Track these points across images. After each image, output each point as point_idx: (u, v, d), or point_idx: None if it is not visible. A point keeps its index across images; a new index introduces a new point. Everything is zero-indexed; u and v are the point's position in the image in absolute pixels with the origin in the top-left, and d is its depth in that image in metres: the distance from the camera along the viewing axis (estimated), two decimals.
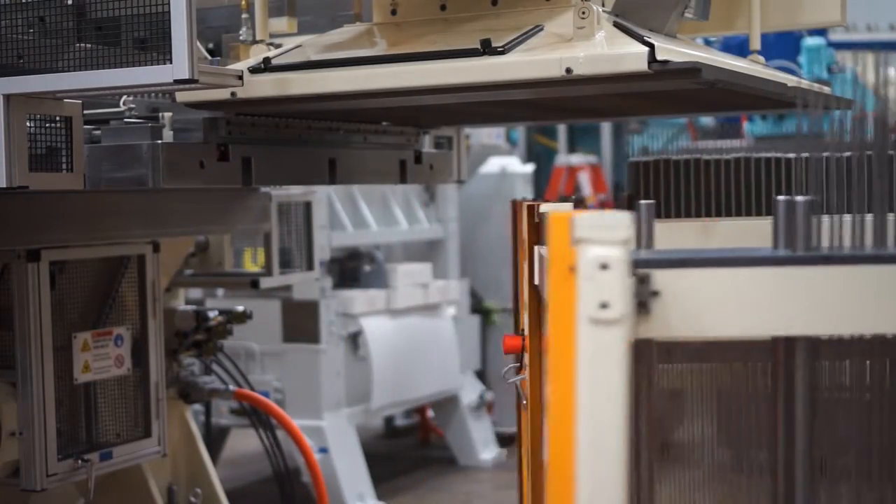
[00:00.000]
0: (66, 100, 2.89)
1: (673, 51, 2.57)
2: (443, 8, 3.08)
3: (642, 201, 1.80)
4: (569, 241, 1.57)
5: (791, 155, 1.86)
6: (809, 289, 1.69)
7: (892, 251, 1.74)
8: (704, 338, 1.81)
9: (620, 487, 1.59)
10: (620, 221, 1.56)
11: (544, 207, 2.62)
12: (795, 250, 1.75)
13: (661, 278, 1.69)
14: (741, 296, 1.70)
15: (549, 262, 1.60)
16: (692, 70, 2.53)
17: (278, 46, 3.36)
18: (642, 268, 1.67)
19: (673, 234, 2.82)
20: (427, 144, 4.34)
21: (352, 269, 7.13)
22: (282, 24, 3.60)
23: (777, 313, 1.70)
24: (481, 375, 8.16)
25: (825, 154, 1.83)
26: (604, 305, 1.56)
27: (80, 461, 3.60)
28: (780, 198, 1.77)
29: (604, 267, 1.55)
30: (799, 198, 1.74)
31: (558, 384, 1.59)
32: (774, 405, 1.88)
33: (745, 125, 10.73)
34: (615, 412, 1.58)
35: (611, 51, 2.59)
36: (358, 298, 6.83)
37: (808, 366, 1.81)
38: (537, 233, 2.61)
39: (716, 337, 1.81)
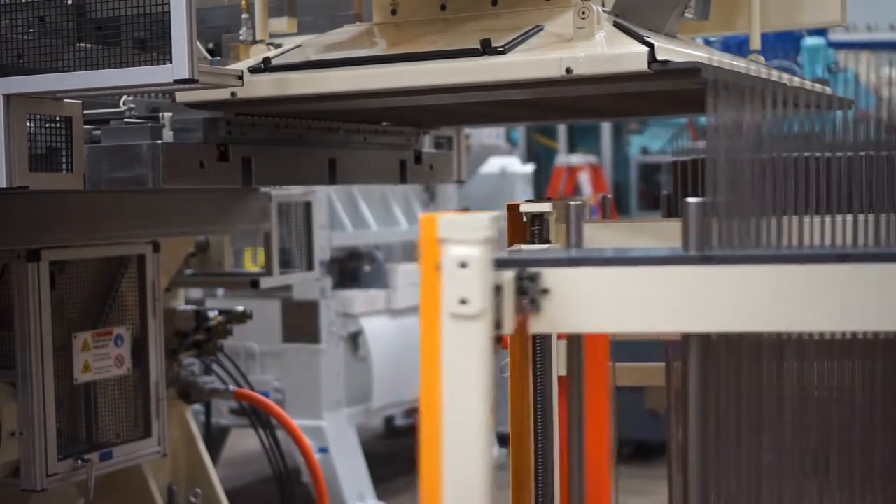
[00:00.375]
0: (66, 100, 2.89)
1: (673, 51, 2.57)
2: (443, 8, 3.07)
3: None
4: (435, 241, 1.68)
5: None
6: (690, 287, 1.77)
7: (769, 252, 1.79)
8: (591, 334, 1.85)
9: (482, 471, 1.70)
10: (480, 223, 1.68)
11: (524, 207, 2.63)
12: (687, 250, 1.81)
13: (551, 276, 1.78)
14: (624, 294, 1.78)
15: (421, 261, 1.70)
16: (692, 70, 2.53)
17: (278, 46, 3.36)
18: (533, 266, 1.77)
19: None
20: (427, 144, 4.34)
21: (352, 269, 7.13)
22: (282, 24, 3.60)
23: (658, 311, 1.78)
24: None
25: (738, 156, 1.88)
26: (463, 301, 1.67)
27: (80, 461, 3.60)
28: (689, 199, 1.83)
29: (463, 265, 1.67)
30: (694, 200, 1.81)
31: (426, 374, 1.71)
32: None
33: None
34: (475, 401, 1.69)
35: (611, 51, 2.59)
36: (358, 298, 6.83)
37: (701, 363, 1.89)
38: (521, 233, 2.63)
39: (601, 334, 1.94)
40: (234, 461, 7.51)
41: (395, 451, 8.13)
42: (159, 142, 3.21)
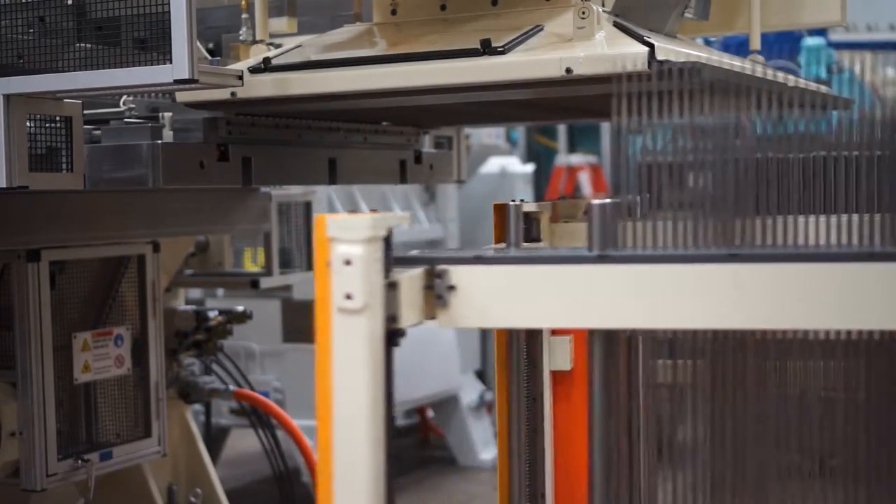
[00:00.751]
0: (66, 100, 2.89)
1: (673, 51, 2.57)
2: (443, 8, 3.08)
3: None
4: (325, 240, 1.82)
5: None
6: (585, 285, 1.88)
7: (664, 252, 1.87)
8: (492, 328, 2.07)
9: (367, 459, 1.86)
10: (363, 223, 1.82)
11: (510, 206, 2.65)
12: (591, 250, 1.90)
13: (457, 274, 1.91)
14: (521, 291, 1.90)
15: (315, 258, 1.84)
16: (692, 70, 2.52)
17: (278, 46, 3.36)
18: (442, 264, 1.91)
19: None
20: (427, 144, 4.34)
21: None
22: (282, 24, 3.60)
23: (553, 308, 1.89)
24: (481, 375, 8.15)
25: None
26: (348, 296, 1.80)
27: (80, 461, 3.60)
28: (594, 201, 1.94)
29: (347, 262, 1.80)
30: (598, 201, 1.91)
31: (320, 365, 1.84)
32: None
33: None
34: (361, 390, 1.83)
35: (611, 51, 2.59)
36: None
37: (604, 358, 2.02)
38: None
39: (501, 328, 2.11)
40: (234, 461, 7.50)
41: (395, 451, 8.11)
42: (159, 142, 3.21)
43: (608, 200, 1.91)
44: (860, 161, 1.97)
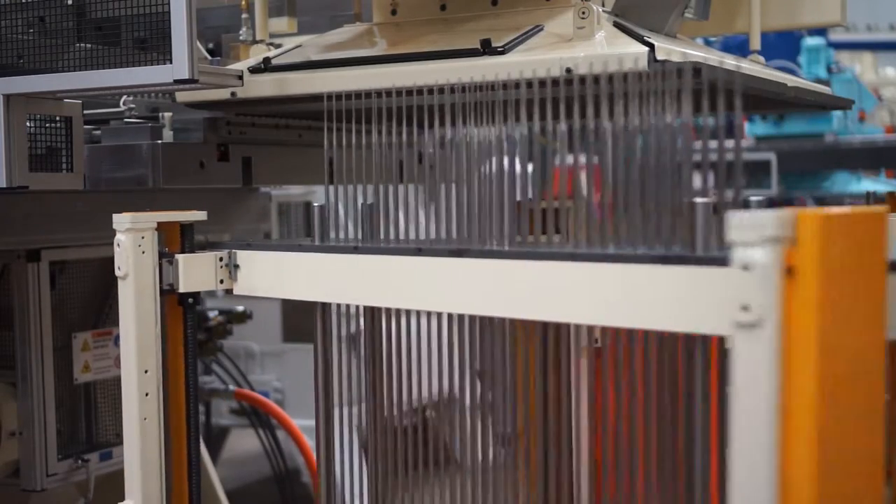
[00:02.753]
0: (66, 100, 2.89)
1: (673, 51, 2.57)
2: (443, 8, 3.07)
3: None
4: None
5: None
6: (317, 266, 2.50)
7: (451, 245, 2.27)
8: (266, 298, 2.70)
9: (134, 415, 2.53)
10: (146, 218, 2.63)
11: None
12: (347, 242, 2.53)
13: (241, 257, 2.63)
14: (286, 271, 2.54)
15: None
16: (692, 70, 2.52)
17: (278, 46, 3.36)
18: (234, 249, 2.65)
19: None
20: None
21: None
22: (282, 24, 3.60)
23: (298, 284, 2.53)
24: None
25: None
26: (118, 267, 2.63)
27: (80, 461, 3.60)
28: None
29: (118, 244, 2.65)
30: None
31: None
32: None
33: (746, 125, 10.73)
34: (130, 348, 2.56)
35: (611, 51, 2.59)
36: None
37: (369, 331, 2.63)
38: None
39: (271, 297, 2.67)
40: (234, 461, 7.50)
41: None
42: (159, 142, 3.21)
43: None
44: None
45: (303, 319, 6.65)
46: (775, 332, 1.34)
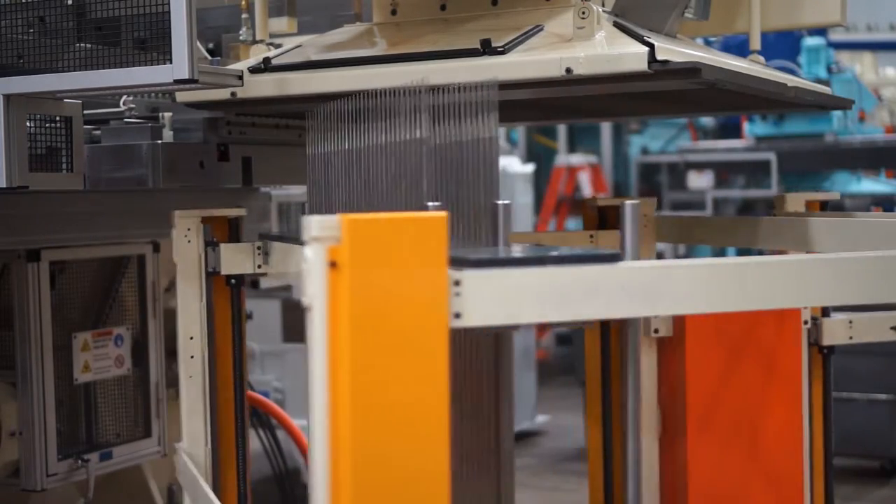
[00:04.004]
0: (66, 100, 2.89)
1: (673, 51, 2.57)
2: (443, 8, 3.07)
3: None
4: None
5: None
6: None
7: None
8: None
9: None
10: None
11: None
12: None
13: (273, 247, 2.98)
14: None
15: None
16: (692, 70, 2.52)
17: (278, 46, 3.36)
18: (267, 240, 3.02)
19: None
20: None
21: None
22: (282, 24, 3.60)
23: None
24: None
25: None
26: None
27: (80, 461, 3.60)
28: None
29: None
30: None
31: None
32: None
33: (745, 125, 10.74)
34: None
35: (611, 51, 2.59)
36: None
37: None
38: None
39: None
40: None
41: None
42: (159, 142, 3.21)
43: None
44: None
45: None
46: (323, 314, 1.63)
